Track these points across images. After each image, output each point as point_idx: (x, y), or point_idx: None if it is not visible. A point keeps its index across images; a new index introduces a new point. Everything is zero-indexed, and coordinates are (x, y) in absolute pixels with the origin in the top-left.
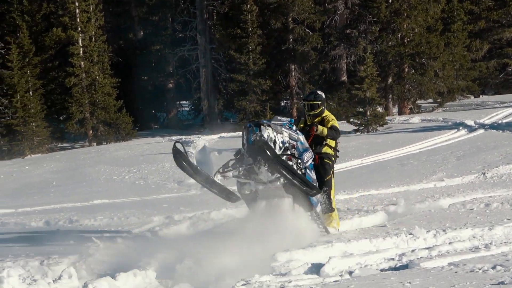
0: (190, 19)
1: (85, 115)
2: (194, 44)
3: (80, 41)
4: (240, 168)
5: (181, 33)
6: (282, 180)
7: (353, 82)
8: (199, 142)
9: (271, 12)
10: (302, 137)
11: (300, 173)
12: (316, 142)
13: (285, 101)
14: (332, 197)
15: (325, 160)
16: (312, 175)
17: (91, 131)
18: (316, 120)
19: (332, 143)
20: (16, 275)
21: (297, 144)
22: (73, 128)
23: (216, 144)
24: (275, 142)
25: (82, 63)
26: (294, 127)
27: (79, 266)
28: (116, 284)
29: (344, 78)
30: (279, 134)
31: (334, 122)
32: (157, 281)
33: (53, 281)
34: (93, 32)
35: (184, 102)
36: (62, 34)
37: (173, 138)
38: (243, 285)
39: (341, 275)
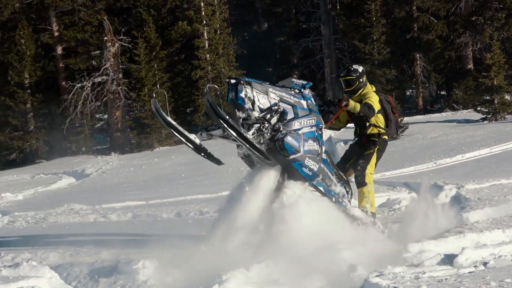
0: (314, 9)
1: None
2: (318, 34)
3: (205, 34)
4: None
5: (304, 24)
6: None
7: (480, 70)
8: (325, 133)
9: (395, 1)
10: (305, 102)
11: (250, 136)
12: (360, 124)
13: (410, 90)
14: (367, 172)
15: (370, 139)
16: (298, 145)
17: None
18: (354, 97)
19: (379, 122)
20: (151, 267)
21: (293, 108)
22: (200, 121)
23: (341, 134)
24: (253, 103)
25: (208, 55)
26: (307, 91)
27: (213, 258)
28: (249, 275)
29: (470, 66)
30: (262, 95)
31: (369, 99)
32: (289, 272)
33: (188, 271)
34: (218, 25)
35: None
36: (188, 27)
37: None
38: (376, 276)
39: (475, 266)
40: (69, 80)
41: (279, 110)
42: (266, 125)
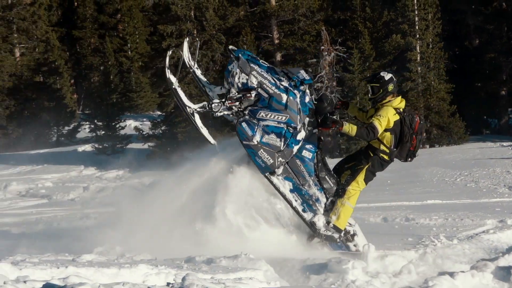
0: None
1: None
2: None
3: (418, 48)
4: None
5: None
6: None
7: None
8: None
9: None
10: (285, 97)
11: (191, 108)
12: None
13: None
14: (349, 187)
15: (368, 151)
16: (252, 134)
17: (424, 134)
18: (377, 106)
19: (385, 140)
20: (360, 267)
21: (269, 99)
22: None
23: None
24: (235, 79)
25: (419, 68)
26: (303, 88)
27: (416, 263)
28: (454, 283)
29: None
30: (243, 75)
31: (378, 118)
32: (493, 283)
33: (394, 275)
34: (430, 39)
35: None
36: (401, 40)
37: (504, 144)
38: None
39: None
40: None
41: (248, 95)
42: (219, 103)
